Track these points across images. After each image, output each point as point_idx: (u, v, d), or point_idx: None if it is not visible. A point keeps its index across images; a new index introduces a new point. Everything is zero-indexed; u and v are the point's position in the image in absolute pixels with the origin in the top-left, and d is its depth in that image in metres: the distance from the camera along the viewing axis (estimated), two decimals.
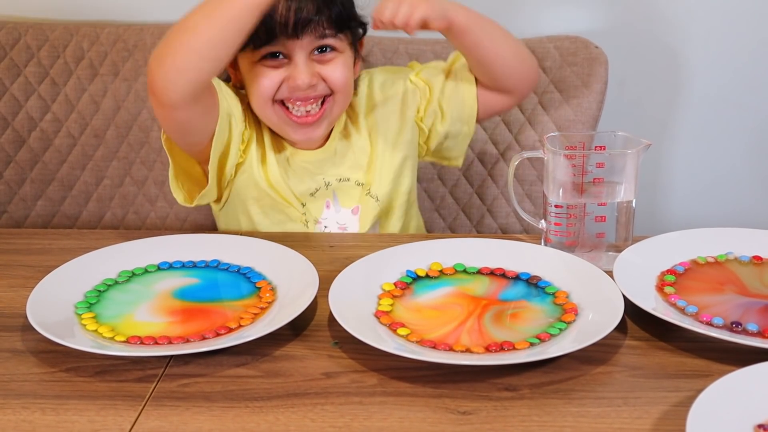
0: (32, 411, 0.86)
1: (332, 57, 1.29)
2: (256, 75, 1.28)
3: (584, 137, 1.16)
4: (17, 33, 1.67)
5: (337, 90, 1.29)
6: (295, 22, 1.23)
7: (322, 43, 1.27)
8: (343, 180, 1.36)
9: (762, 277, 1.08)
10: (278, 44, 1.25)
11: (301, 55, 1.26)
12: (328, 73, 1.28)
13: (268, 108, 1.29)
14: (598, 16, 1.72)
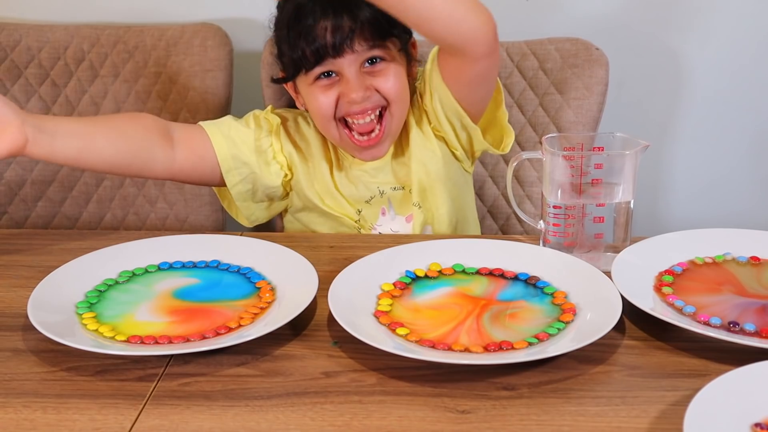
0: (33, 410, 0.87)
1: (383, 68, 1.30)
2: (313, 96, 1.31)
3: (583, 138, 1.16)
4: (18, 35, 1.68)
5: (392, 100, 1.31)
6: (335, 42, 1.25)
7: (370, 55, 1.29)
8: (397, 189, 1.38)
9: (759, 277, 1.08)
10: (326, 64, 1.28)
11: (351, 70, 1.28)
12: (380, 84, 1.30)
13: (331, 127, 1.32)
14: (598, 18, 1.73)
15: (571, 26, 1.69)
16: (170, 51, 1.65)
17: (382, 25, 1.28)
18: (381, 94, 1.30)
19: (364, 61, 1.29)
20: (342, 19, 1.26)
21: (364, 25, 1.26)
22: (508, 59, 1.61)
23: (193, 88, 1.63)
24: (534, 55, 1.60)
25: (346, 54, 1.27)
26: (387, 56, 1.30)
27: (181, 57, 1.64)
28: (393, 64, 1.31)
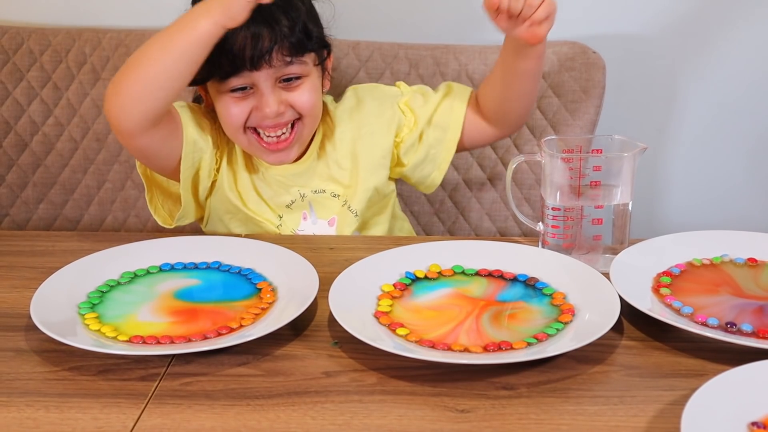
0: (36, 409, 0.88)
1: (299, 83, 1.29)
2: (225, 104, 1.29)
3: (581, 140, 1.17)
4: (20, 38, 1.68)
5: (306, 114, 1.30)
6: (253, 55, 1.23)
7: (287, 71, 1.27)
8: (318, 192, 1.38)
9: (757, 278, 1.09)
10: (242, 76, 1.26)
11: (267, 85, 1.27)
12: (294, 99, 1.29)
13: (240, 135, 1.31)
14: (596, 22, 1.74)
15: (569, 30, 1.70)
16: None
17: (301, 41, 1.27)
18: (295, 109, 1.29)
19: (280, 76, 1.28)
20: (262, 31, 1.23)
21: (284, 40, 1.24)
22: None
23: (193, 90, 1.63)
24: None
25: (263, 68, 1.25)
26: (303, 72, 1.29)
27: None
28: (309, 79, 1.30)
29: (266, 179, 1.36)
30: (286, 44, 1.25)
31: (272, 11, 1.23)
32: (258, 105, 1.27)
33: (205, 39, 1.16)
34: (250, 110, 1.28)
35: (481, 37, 1.67)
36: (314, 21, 1.32)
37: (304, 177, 1.37)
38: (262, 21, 1.23)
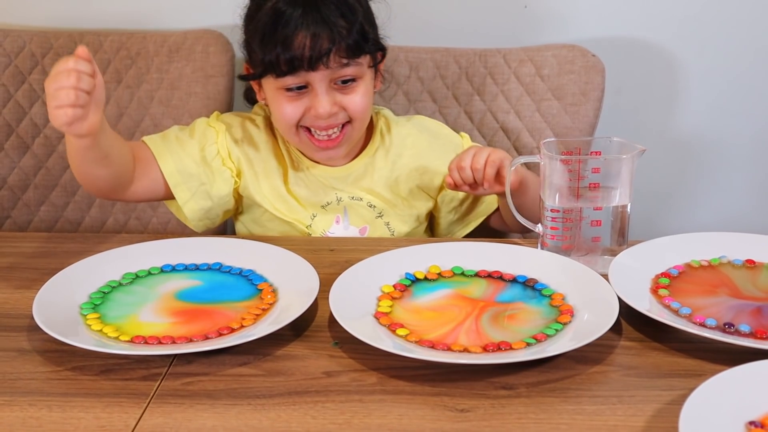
0: (39, 408, 0.88)
1: (353, 85, 1.30)
2: (279, 102, 1.30)
3: (580, 143, 1.18)
4: (22, 41, 1.69)
5: (356, 118, 1.31)
6: (312, 56, 1.24)
7: (343, 74, 1.28)
8: (355, 198, 1.39)
9: (755, 280, 1.10)
10: (299, 76, 1.27)
11: (322, 85, 1.28)
12: (348, 102, 1.30)
13: (292, 133, 1.32)
14: (595, 25, 1.75)
15: (568, 33, 1.71)
16: (172, 57, 1.67)
17: (358, 43, 1.27)
18: (347, 112, 1.30)
19: (336, 78, 1.28)
20: (321, 33, 1.24)
21: (341, 42, 1.25)
22: (505, 65, 1.63)
23: (195, 93, 1.65)
24: (531, 62, 1.62)
25: (320, 69, 1.26)
26: (358, 74, 1.30)
27: (183, 63, 1.66)
28: (363, 82, 1.31)
29: (305, 178, 1.38)
30: (344, 46, 1.26)
31: (331, 12, 1.25)
32: (312, 105, 1.28)
33: (76, 146, 1.19)
34: (303, 110, 1.29)
35: (481, 41, 1.68)
36: (371, 23, 1.33)
37: (345, 182, 1.38)
38: (321, 22, 1.24)
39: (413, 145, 1.41)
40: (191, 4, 1.76)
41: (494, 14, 1.75)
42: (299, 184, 1.38)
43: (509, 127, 1.63)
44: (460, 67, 1.64)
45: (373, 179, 1.39)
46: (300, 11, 1.25)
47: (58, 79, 1.09)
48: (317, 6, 1.24)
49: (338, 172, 1.38)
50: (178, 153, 1.33)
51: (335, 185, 1.38)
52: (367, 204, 1.39)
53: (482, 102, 1.64)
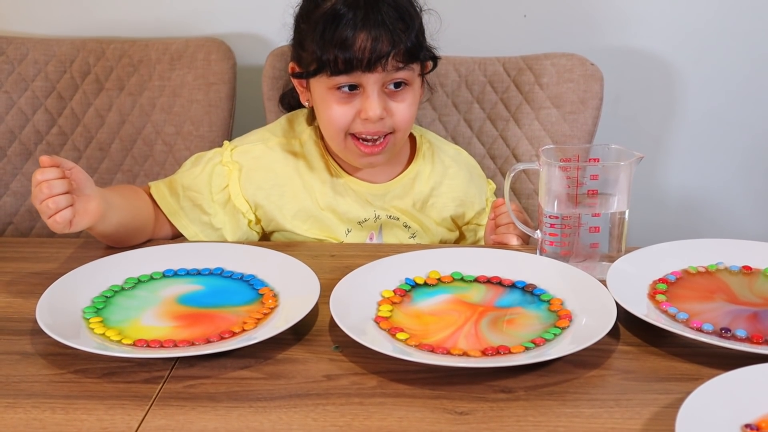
0: (42, 410, 0.89)
1: (403, 92, 1.30)
2: (328, 104, 1.30)
3: (579, 150, 1.19)
4: (25, 48, 1.70)
5: (400, 128, 1.32)
6: (371, 57, 1.25)
7: (396, 77, 1.29)
8: (392, 217, 1.39)
9: (751, 286, 1.11)
10: (353, 76, 1.27)
11: (375, 87, 1.27)
12: (397, 109, 1.30)
13: (339, 137, 1.31)
14: (594, 34, 1.76)
15: (567, 42, 1.73)
16: (174, 65, 1.68)
17: (416, 48, 1.28)
18: (393, 120, 1.30)
19: (388, 81, 1.29)
20: (382, 35, 1.25)
21: (400, 46, 1.26)
22: (505, 74, 1.64)
23: (197, 101, 1.66)
24: (530, 70, 1.63)
25: (377, 71, 1.26)
26: (410, 79, 1.31)
27: (185, 70, 1.67)
28: (412, 90, 1.32)
29: (344, 193, 1.37)
30: (402, 50, 1.26)
31: (391, 16, 1.26)
32: (363, 107, 1.28)
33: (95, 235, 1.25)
34: (354, 115, 1.29)
35: (481, 49, 1.69)
36: (424, 34, 1.34)
37: (385, 199, 1.38)
38: (382, 24, 1.25)
39: (454, 175, 1.43)
40: (193, 12, 1.77)
41: (493, 23, 1.77)
42: (338, 198, 1.37)
43: (508, 135, 1.65)
44: (460, 75, 1.65)
45: (411, 201, 1.40)
46: (362, 13, 1.25)
47: (35, 194, 1.14)
48: (378, 9, 1.25)
49: (378, 189, 1.38)
50: (190, 215, 1.34)
51: (374, 202, 1.38)
52: (403, 224, 1.40)
53: (482, 110, 1.65)
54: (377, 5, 1.26)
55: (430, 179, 1.41)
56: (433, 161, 1.43)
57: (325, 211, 1.37)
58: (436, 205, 1.42)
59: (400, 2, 1.29)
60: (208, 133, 1.66)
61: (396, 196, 1.39)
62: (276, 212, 1.37)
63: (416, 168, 1.41)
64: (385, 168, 1.39)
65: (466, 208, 1.44)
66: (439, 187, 1.42)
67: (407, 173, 1.41)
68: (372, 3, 1.26)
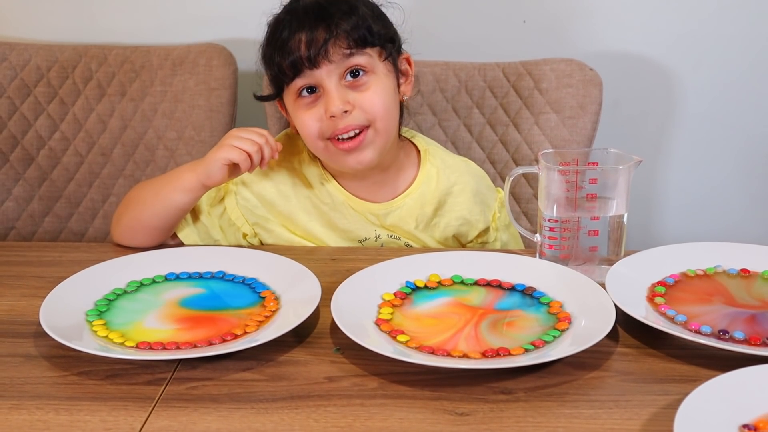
0: (46, 411, 0.90)
1: (365, 81, 1.27)
2: (299, 115, 1.29)
3: (578, 154, 1.20)
4: (28, 54, 1.71)
5: (375, 118, 1.27)
6: (309, 52, 1.23)
7: (349, 65, 1.25)
8: (393, 237, 1.39)
9: (749, 288, 1.12)
10: (305, 76, 1.25)
11: (331, 82, 1.25)
12: (362, 100, 1.26)
13: (318, 144, 1.29)
14: (593, 39, 1.77)
15: (566, 48, 1.74)
16: (176, 70, 1.69)
17: (362, 34, 1.25)
18: (363, 112, 1.26)
19: (344, 73, 1.26)
20: (317, 30, 1.23)
21: (339, 35, 1.24)
22: (504, 79, 1.65)
23: (198, 106, 1.67)
24: (530, 75, 1.64)
25: (323, 65, 1.24)
26: (368, 66, 1.26)
27: (187, 76, 1.68)
28: (376, 77, 1.27)
29: (345, 212, 1.37)
30: (343, 35, 1.24)
31: (328, 10, 1.25)
32: (326, 106, 1.25)
33: (187, 190, 1.27)
34: (321, 116, 1.26)
35: (480, 55, 1.70)
36: (379, 21, 1.31)
37: (386, 219, 1.37)
38: (317, 19, 1.24)
39: (459, 193, 1.39)
40: (195, 18, 1.79)
41: (493, 29, 1.78)
42: (339, 217, 1.37)
43: (508, 140, 1.66)
44: (460, 80, 1.66)
45: (414, 222, 1.38)
46: (299, 13, 1.26)
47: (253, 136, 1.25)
48: (314, 8, 1.25)
49: (379, 209, 1.36)
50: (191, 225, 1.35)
51: (378, 221, 1.37)
52: (405, 244, 1.39)
53: (481, 115, 1.66)
54: (315, 6, 1.26)
55: (434, 199, 1.38)
56: (437, 178, 1.39)
57: (325, 229, 1.37)
58: (439, 224, 1.40)
59: None
60: (209, 139, 1.66)
61: (398, 216, 1.37)
62: (274, 228, 1.37)
63: (419, 187, 1.38)
64: (387, 185, 1.37)
65: (470, 227, 1.41)
66: (443, 206, 1.39)
67: (410, 192, 1.38)
68: (310, 5, 1.27)
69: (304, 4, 1.28)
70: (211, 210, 1.36)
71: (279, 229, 1.37)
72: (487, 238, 1.44)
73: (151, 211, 1.28)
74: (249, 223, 1.37)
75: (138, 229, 1.30)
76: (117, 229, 1.32)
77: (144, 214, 1.29)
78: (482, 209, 1.42)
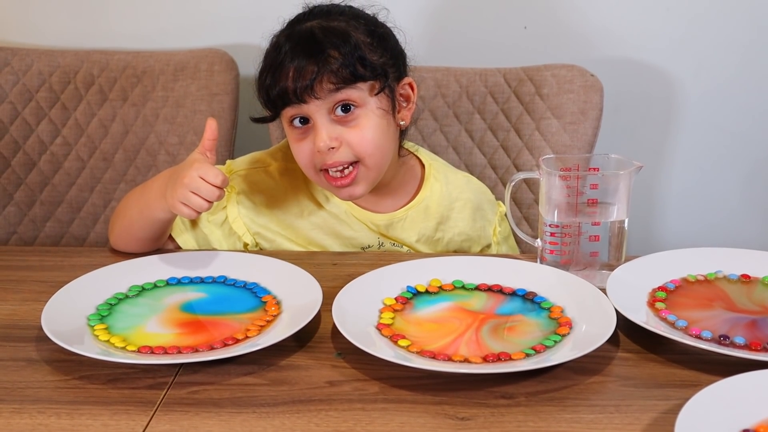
0: (48, 415, 0.90)
1: (355, 116, 1.23)
2: (292, 143, 1.28)
3: (579, 159, 1.20)
4: (30, 59, 1.72)
5: (364, 156, 1.24)
6: (296, 87, 1.20)
7: (338, 99, 1.22)
8: (396, 245, 1.39)
9: (750, 294, 1.12)
10: (296, 108, 1.23)
11: (319, 117, 1.22)
12: (351, 137, 1.23)
13: (312, 173, 1.28)
14: (594, 45, 1.77)
15: (567, 53, 1.74)
16: (178, 75, 1.69)
17: (351, 70, 1.21)
18: (351, 149, 1.24)
19: (333, 107, 1.23)
20: (306, 63, 1.20)
21: (326, 71, 1.20)
22: (505, 85, 1.65)
23: (200, 111, 1.67)
24: (531, 81, 1.64)
25: (310, 100, 1.21)
26: (359, 101, 1.23)
27: (189, 81, 1.68)
28: (366, 112, 1.24)
29: (347, 220, 1.36)
30: (332, 72, 1.21)
31: (320, 41, 1.22)
32: (314, 142, 1.23)
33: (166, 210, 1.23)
34: (311, 148, 1.24)
35: (481, 60, 1.71)
36: (378, 47, 1.26)
37: (389, 230, 1.37)
38: (308, 52, 1.21)
39: (461, 209, 1.40)
40: (196, 24, 1.79)
41: (494, 34, 1.78)
42: (342, 225, 1.37)
43: (509, 145, 1.66)
44: (461, 86, 1.66)
45: (416, 235, 1.38)
46: (291, 45, 1.23)
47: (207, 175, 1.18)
48: (306, 38, 1.22)
49: (381, 219, 1.36)
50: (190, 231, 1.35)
51: (381, 230, 1.37)
52: (407, 251, 1.39)
53: (482, 120, 1.67)
54: (309, 35, 1.23)
55: (437, 214, 1.39)
56: (440, 193, 1.40)
57: (327, 236, 1.37)
58: (442, 240, 1.40)
59: (335, 26, 1.24)
60: None
61: (401, 228, 1.37)
62: (276, 238, 1.37)
63: (422, 201, 1.38)
64: (389, 197, 1.38)
65: (472, 242, 1.42)
66: (445, 222, 1.40)
67: (412, 205, 1.38)
68: (304, 32, 1.23)
69: (299, 31, 1.24)
70: (210, 218, 1.36)
71: (280, 239, 1.37)
72: (489, 252, 1.45)
73: (138, 225, 1.27)
74: (251, 233, 1.37)
75: (129, 240, 1.30)
76: (111, 237, 1.33)
77: (132, 228, 1.28)
78: (483, 225, 1.43)
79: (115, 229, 1.31)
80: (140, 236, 1.29)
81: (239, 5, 1.77)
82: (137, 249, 1.30)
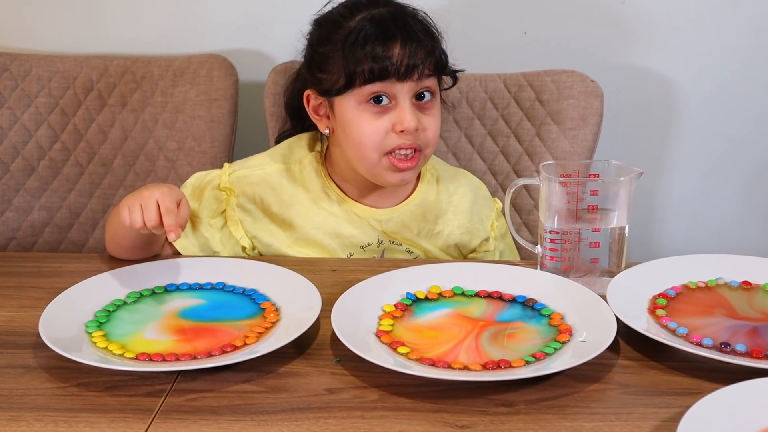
0: (45, 423, 0.89)
1: (431, 105, 1.31)
2: (360, 122, 1.28)
3: (579, 166, 1.20)
4: (29, 65, 1.72)
5: (429, 144, 1.31)
6: (408, 65, 1.25)
7: (424, 86, 1.29)
8: (395, 243, 1.39)
9: (751, 301, 1.11)
10: (386, 85, 1.26)
11: (407, 97, 1.27)
12: (427, 123, 1.29)
13: (371, 156, 1.29)
14: (594, 51, 1.77)
15: (567, 59, 1.74)
16: (177, 81, 1.69)
17: (446, 61, 1.32)
18: (425, 135, 1.29)
19: (416, 93, 1.29)
20: (417, 45, 1.27)
21: (432, 57, 1.28)
22: (505, 90, 1.65)
23: (199, 116, 1.67)
24: (531, 87, 1.64)
25: (409, 80, 1.26)
26: (435, 91, 1.32)
27: (188, 87, 1.68)
28: (437, 104, 1.33)
29: (347, 218, 1.37)
30: (433, 61, 1.29)
31: (419, 30, 1.29)
32: (398, 120, 1.27)
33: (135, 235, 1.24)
34: (387, 128, 1.27)
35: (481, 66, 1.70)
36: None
37: (388, 225, 1.37)
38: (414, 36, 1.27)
39: (459, 203, 1.42)
40: (196, 29, 1.79)
41: (494, 40, 1.78)
42: (341, 223, 1.37)
43: (509, 151, 1.65)
44: (461, 91, 1.66)
45: (416, 229, 1.39)
46: (392, 26, 1.27)
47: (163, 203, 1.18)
48: (407, 22, 1.28)
49: (381, 215, 1.37)
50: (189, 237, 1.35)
51: (377, 227, 1.37)
52: (406, 250, 1.40)
53: (482, 126, 1.66)
54: (405, 20, 1.29)
55: (436, 207, 1.40)
56: (437, 187, 1.41)
57: (327, 236, 1.37)
58: (442, 233, 1.41)
59: (425, 18, 1.33)
60: (210, 149, 1.66)
61: (400, 223, 1.38)
62: (274, 239, 1.37)
63: (421, 194, 1.40)
64: (387, 193, 1.38)
65: (471, 235, 1.42)
66: (444, 215, 1.41)
67: (411, 199, 1.39)
68: (400, 17, 1.29)
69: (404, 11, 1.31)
70: (212, 221, 1.35)
71: (278, 242, 1.37)
72: (488, 247, 1.45)
73: (121, 233, 1.26)
74: (248, 236, 1.37)
75: (118, 248, 1.30)
76: (107, 245, 1.32)
77: (117, 236, 1.28)
78: (480, 218, 1.44)
79: (107, 237, 1.31)
80: (126, 245, 1.28)
81: (238, 11, 1.77)
82: (128, 257, 1.30)
